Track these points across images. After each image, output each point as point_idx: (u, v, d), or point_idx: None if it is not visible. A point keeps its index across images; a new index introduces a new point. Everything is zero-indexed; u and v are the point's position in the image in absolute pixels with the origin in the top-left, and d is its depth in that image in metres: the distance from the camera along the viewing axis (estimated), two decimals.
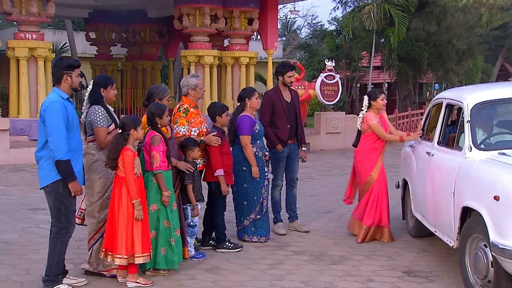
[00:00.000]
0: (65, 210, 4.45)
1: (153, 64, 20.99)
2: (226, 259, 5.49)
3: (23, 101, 13.77)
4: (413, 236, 6.25)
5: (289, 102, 6.43)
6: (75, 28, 26.11)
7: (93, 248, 4.86)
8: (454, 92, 5.81)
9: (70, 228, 4.53)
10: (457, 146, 5.03)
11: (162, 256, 4.87)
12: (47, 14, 14.10)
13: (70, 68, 4.49)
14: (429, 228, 5.55)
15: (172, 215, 4.97)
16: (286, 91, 6.48)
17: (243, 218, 6.01)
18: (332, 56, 23.44)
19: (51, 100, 4.39)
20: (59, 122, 4.31)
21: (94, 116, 4.74)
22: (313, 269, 5.23)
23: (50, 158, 4.36)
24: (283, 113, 6.34)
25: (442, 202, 5.06)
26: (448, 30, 21.73)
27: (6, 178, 10.33)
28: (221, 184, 5.63)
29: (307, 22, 46.51)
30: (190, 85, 5.69)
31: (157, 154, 4.80)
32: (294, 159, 6.55)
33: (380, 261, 5.48)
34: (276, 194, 6.51)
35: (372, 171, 6.13)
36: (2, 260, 5.33)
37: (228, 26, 16.65)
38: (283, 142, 6.35)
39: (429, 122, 6.25)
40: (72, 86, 4.52)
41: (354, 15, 20.43)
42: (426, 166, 5.64)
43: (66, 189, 4.40)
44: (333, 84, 14.85)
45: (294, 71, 6.50)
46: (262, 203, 5.98)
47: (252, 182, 5.93)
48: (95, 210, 4.81)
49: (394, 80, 25.36)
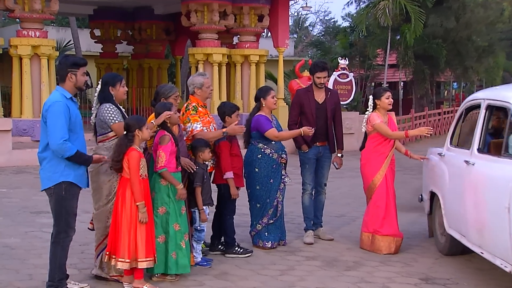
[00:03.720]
0: (65, 213, 4.45)
1: (160, 63, 21.05)
2: (236, 264, 5.49)
3: (26, 100, 13.87)
4: (445, 254, 5.82)
5: (320, 103, 6.34)
6: (79, 25, 26.25)
7: (102, 253, 4.85)
8: (495, 92, 5.40)
9: (70, 232, 4.53)
10: (506, 154, 4.57)
11: (174, 261, 4.87)
12: (50, 11, 14.19)
13: (75, 66, 4.50)
14: (472, 248, 5.00)
15: (181, 219, 4.98)
16: (319, 91, 6.38)
17: (256, 222, 5.99)
18: (346, 54, 23.39)
19: (53, 100, 4.41)
20: (61, 123, 4.32)
21: (106, 114, 4.74)
22: (326, 275, 5.22)
23: (53, 159, 4.39)
24: (310, 114, 6.28)
25: (491, 219, 4.56)
26: (468, 26, 21.63)
27: (9, 180, 10.40)
28: (230, 187, 5.64)
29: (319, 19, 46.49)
30: (196, 83, 5.70)
31: (163, 153, 4.81)
32: (324, 163, 6.40)
33: (395, 267, 5.46)
34: (305, 199, 6.40)
35: (374, 177, 5.94)
36: (5, 265, 5.37)
37: (238, 23, 16.68)
38: (308, 143, 6.27)
39: (461, 127, 5.79)
40: (77, 85, 4.53)
41: (369, 11, 20.40)
42: (464, 177, 5.12)
43: (69, 192, 4.42)
44: (346, 83, 14.85)
45: (326, 72, 6.38)
46: (276, 207, 5.94)
47: (265, 184, 5.91)
48: (105, 215, 4.81)
49: (410, 79, 25.27)
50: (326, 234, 6.45)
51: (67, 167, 4.40)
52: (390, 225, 5.89)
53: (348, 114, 16.73)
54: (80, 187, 4.54)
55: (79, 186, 4.52)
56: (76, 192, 4.51)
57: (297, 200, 6.56)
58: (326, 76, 6.39)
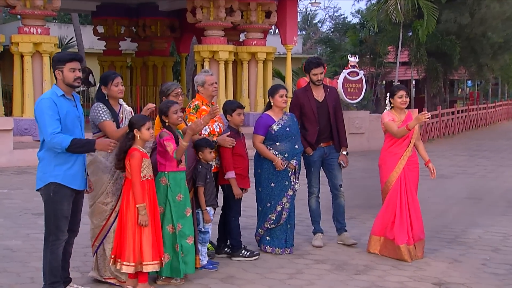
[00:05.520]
0: (54, 216, 4.40)
1: (165, 60, 21.09)
2: (242, 268, 5.50)
3: (28, 99, 13.92)
4: None
5: (320, 102, 6.28)
6: (82, 22, 26.37)
7: (97, 253, 4.91)
8: None
9: (60, 236, 4.44)
10: None
11: (167, 263, 4.87)
12: (52, 7, 14.24)
13: (60, 63, 4.39)
14: None
15: (185, 221, 4.98)
16: (318, 89, 6.32)
17: (258, 227, 6.00)
18: (356, 51, 23.37)
19: (40, 98, 4.42)
20: (49, 117, 4.27)
21: (94, 113, 4.79)
22: (335, 279, 5.21)
23: (44, 159, 4.37)
24: (312, 114, 6.23)
25: None
26: (483, 22, 21.51)
27: (10, 181, 10.45)
28: (232, 187, 5.63)
29: (328, 15, 46.46)
30: (198, 81, 5.73)
31: (168, 143, 4.79)
32: (332, 164, 6.34)
33: (407, 271, 5.44)
34: (311, 202, 6.38)
35: (388, 178, 5.92)
36: (6, 268, 5.40)
37: (244, 19, 16.69)
38: (312, 145, 6.25)
39: None
40: (65, 82, 4.39)
41: (380, 7, 20.34)
42: None
43: (57, 193, 4.36)
44: (356, 81, 14.79)
45: (322, 67, 6.28)
46: (281, 214, 5.89)
47: (265, 187, 5.89)
48: (91, 215, 4.89)
49: (422, 77, 25.17)
50: (349, 239, 6.32)
51: (57, 167, 4.34)
52: (400, 230, 5.79)
53: (358, 113, 16.70)
54: (73, 189, 4.43)
55: (70, 188, 4.42)
56: (67, 194, 4.40)
57: (305, 202, 6.56)
58: (322, 72, 6.28)
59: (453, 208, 8.58)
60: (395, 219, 5.83)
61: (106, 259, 4.84)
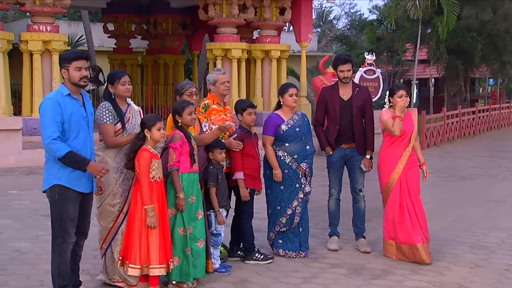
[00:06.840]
0: (60, 218, 4.41)
1: (176, 58, 21.14)
2: (256, 271, 5.49)
3: (37, 98, 13.99)
4: None
5: (345, 100, 6.21)
6: (92, 19, 26.53)
7: (105, 255, 4.93)
8: None
9: (67, 238, 4.45)
10: None
11: (176, 267, 4.88)
12: (62, 5, 14.33)
13: (66, 61, 4.39)
14: None
15: (196, 224, 4.99)
16: (345, 87, 6.25)
17: (269, 230, 5.98)
18: (373, 48, 23.27)
19: (45, 98, 4.42)
20: (49, 121, 4.25)
21: (98, 113, 4.79)
22: (352, 284, 5.19)
23: (50, 160, 4.37)
24: (334, 112, 6.18)
25: None
26: (506, 18, 21.34)
27: (19, 181, 10.53)
28: (240, 188, 5.62)
29: (344, 11, 46.40)
30: (210, 80, 5.76)
31: (172, 151, 4.83)
32: (353, 167, 6.27)
33: (427, 276, 5.40)
34: (330, 204, 6.35)
35: (388, 178, 5.93)
36: (15, 270, 5.44)
37: (258, 16, 16.68)
38: (332, 144, 6.21)
39: None
40: (71, 81, 4.38)
41: (398, 3, 20.23)
42: None
43: (62, 196, 4.37)
44: (373, 79, 14.72)
45: (349, 64, 6.19)
46: (292, 217, 5.85)
47: (274, 190, 5.87)
48: (98, 217, 4.90)
49: (442, 75, 25.00)
50: (364, 246, 6.21)
51: (61, 169, 4.33)
52: (413, 230, 5.78)
53: (375, 112, 16.59)
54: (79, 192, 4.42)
55: (76, 190, 4.40)
56: (72, 196, 4.40)
57: (320, 204, 6.55)
58: (350, 69, 6.20)
59: (474, 211, 8.51)
60: (403, 220, 5.81)
61: (115, 262, 4.86)
